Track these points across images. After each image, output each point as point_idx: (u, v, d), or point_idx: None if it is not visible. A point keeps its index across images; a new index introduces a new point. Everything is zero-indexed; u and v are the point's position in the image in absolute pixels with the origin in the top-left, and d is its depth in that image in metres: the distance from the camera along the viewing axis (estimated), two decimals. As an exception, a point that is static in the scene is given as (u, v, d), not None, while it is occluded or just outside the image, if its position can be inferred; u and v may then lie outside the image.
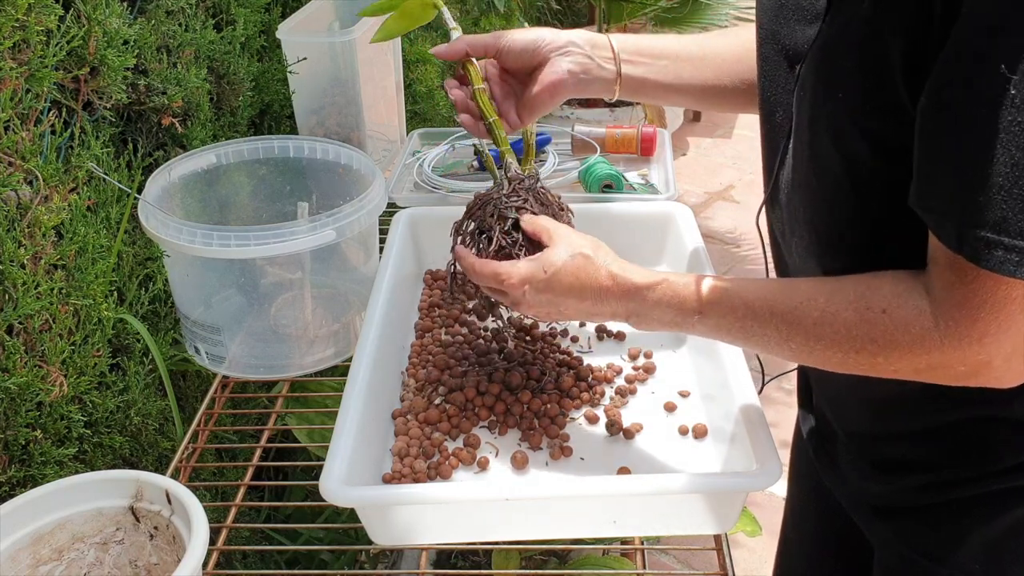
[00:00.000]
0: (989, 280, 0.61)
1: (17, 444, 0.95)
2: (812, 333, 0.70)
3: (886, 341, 0.67)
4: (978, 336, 0.63)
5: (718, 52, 0.95)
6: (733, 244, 3.16)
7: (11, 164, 0.95)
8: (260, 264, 1.08)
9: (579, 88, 0.96)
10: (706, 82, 0.95)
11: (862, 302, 0.68)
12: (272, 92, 1.46)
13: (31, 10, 0.93)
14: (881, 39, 0.63)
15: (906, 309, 0.66)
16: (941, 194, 0.61)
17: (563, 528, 0.86)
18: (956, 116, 0.59)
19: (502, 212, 0.89)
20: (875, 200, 0.69)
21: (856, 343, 0.68)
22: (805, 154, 0.74)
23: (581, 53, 0.95)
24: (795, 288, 0.74)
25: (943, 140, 0.60)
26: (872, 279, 0.69)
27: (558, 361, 1.04)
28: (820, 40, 0.70)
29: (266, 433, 1.10)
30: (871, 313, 0.67)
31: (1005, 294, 0.61)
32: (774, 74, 0.79)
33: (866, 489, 0.86)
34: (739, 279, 0.77)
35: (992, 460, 0.76)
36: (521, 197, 0.90)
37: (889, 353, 0.67)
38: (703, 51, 0.96)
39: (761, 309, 0.73)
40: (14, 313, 0.93)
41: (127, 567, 0.84)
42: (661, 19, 3.02)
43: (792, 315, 0.71)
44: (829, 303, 0.70)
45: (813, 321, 0.70)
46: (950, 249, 0.61)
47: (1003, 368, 0.65)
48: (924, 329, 0.65)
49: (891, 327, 0.67)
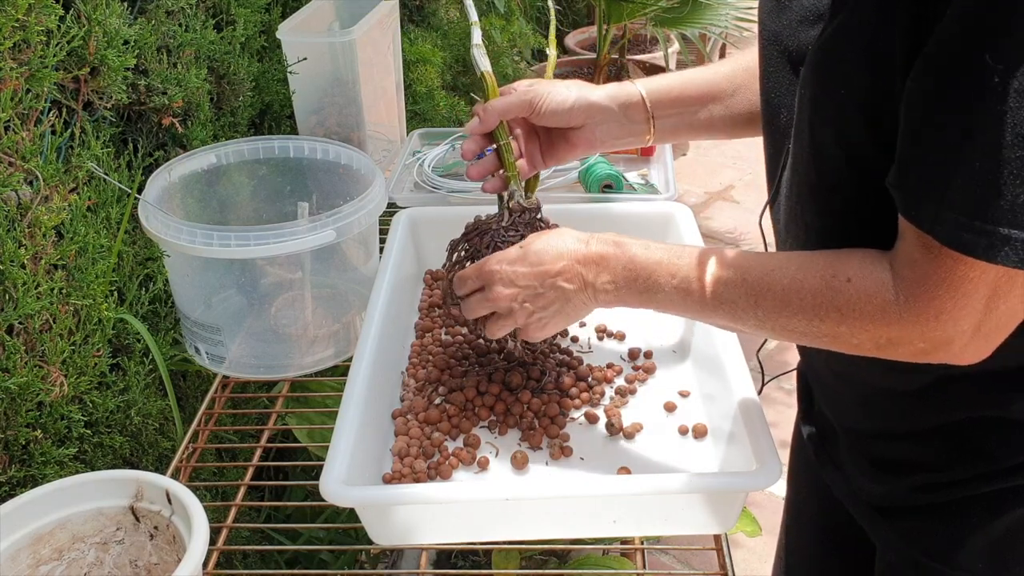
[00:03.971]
0: (949, 259, 0.62)
1: (17, 444, 0.95)
2: (780, 298, 0.72)
3: (849, 309, 0.68)
4: (935, 313, 0.64)
5: (747, 82, 0.95)
6: (733, 244, 3.16)
7: (11, 164, 0.95)
8: (260, 264, 1.08)
9: (612, 145, 0.99)
10: (737, 117, 0.97)
11: (829, 270, 0.70)
12: (272, 92, 1.46)
13: (31, 10, 0.93)
14: (883, 38, 0.63)
15: (870, 280, 0.68)
16: (920, 175, 0.62)
17: (563, 528, 0.86)
18: (939, 101, 0.60)
19: (497, 245, 0.91)
20: (876, 198, 0.70)
21: (820, 311, 0.70)
22: (807, 153, 0.74)
23: (616, 120, 0.97)
24: (769, 256, 0.75)
25: (926, 123, 0.61)
26: (843, 252, 0.71)
27: (558, 361, 1.04)
28: (823, 39, 0.70)
29: (266, 433, 1.10)
30: (836, 281, 0.69)
31: (963, 274, 0.62)
32: (777, 76, 0.79)
33: (867, 489, 0.86)
34: (712, 247, 0.79)
35: (992, 460, 0.76)
36: (520, 232, 0.91)
37: (852, 323, 0.69)
38: (733, 86, 0.96)
39: (733, 274, 0.75)
40: (14, 313, 0.93)
41: (127, 567, 0.84)
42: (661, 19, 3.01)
43: (763, 281, 0.73)
44: (799, 270, 0.72)
45: (782, 288, 0.72)
46: (920, 229, 0.63)
47: (961, 346, 0.66)
48: (885, 301, 0.67)
49: (854, 296, 0.68)
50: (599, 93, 0.96)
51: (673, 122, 0.98)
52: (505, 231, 0.92)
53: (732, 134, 0.99)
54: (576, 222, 0.94)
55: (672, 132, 0.99)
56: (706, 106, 0.97)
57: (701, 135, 1.01)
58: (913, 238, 0.65)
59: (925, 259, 0.64)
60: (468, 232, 0.95)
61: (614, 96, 0.96)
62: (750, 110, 0.96)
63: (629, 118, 0.97)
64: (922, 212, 0.62)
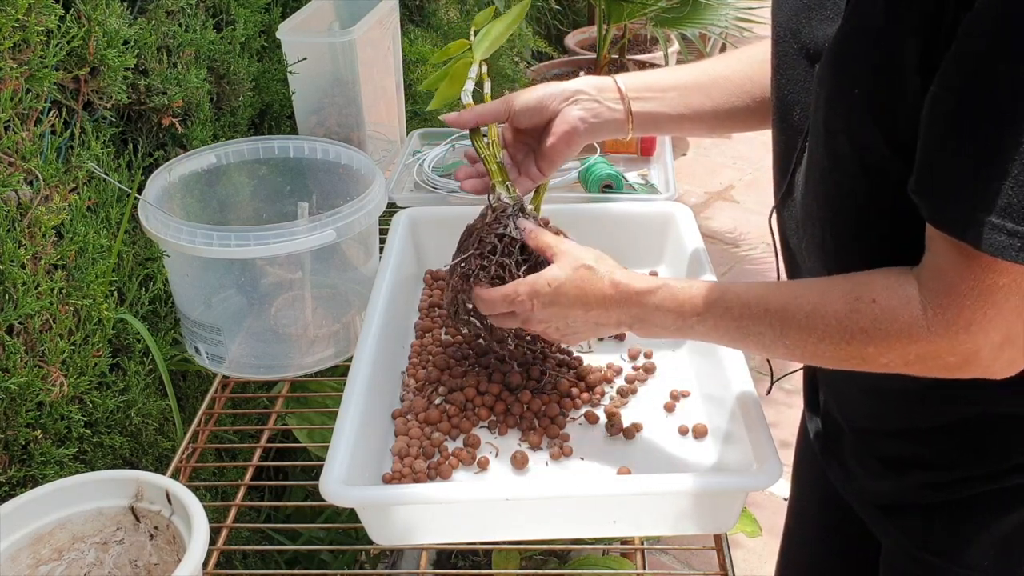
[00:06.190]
0: (979, 267, 0.61)
1: (17, 444, 0.95)
2: (805, 326, 0.72)
3: (876, 330, 0.68)
4: (965, 324, 0.63)
5: (726, 75, 0.96)
6: (733, 244, 3.15)
7: (11, 164, 0.95)
8: (260, 264, 1.08)
9: (592, 133, 0.98)
10: (718, 107, 0.96)
11: (852, 294, 0.70)
12: (272, 92, 1.46)
13: (31, 10, 0.93)
14: (897, 36, 0.63)
15: (895, 298, 0.67)
16: (948, 179, 0.62)
17: (563, 528, 0.86)
18: (968, 103, 0.60)
19: (482, 239, 0.92)
20: (891, 198, 0.70)
21: (847, 334, 0.69)
22: (821, 151, 0.74)
23: (589, 99, 0.97)
24: (790, 286, 0.75)
25: (953, 126, 0.61)
26: (864, 274, 0.71)
27: (558, 361, 1.04)
28: (839, 37, 0.70)
29: (266, 433, 1.10)
30: (861, 303, 0.69)
31: (993, 282, 0.61)
32: (792, 72, 0.79)
33: (874, 487, 0.86)
34: (736, 283, 0.79)
35: (1001, 457, 0.76)
36: (503, 224, 0.92)
37: (879, 343, 0.68)
38: (711, 77, 0.97)
39: (756, 307, 0.75)
40: (14, 313, 0.93)
41: (127, 567, 0.84)
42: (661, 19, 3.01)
43: (785, 311, 0.73)
44: (821, 297, 0.71)
45: (806, 314, 0.72)
46: (952, 235, 0.62)
47: (992, 358, 0.65)
48: (913, 317, 0.66)
49: (880, 316, 0.68)
50: (570, 81, 0.98)
51: (651, 106, 0.97)
52: (489, 226, 0.92)
53: (718, 128, 0.99)
54: (576, 222, 0.95)
55: (652, 120, 0.98)
56: (682, 93, 0.97)
57: (686, 127, 1.00)
58: (941, 248, 0.64)
59: (953, 269, 0.63)
60: (461, 242, 0.96)
61: (586, 80, 0.98)
62: (729, 100, 0.96)
63: (603, 100, 0.97)
64: (952, 216, 0.62)
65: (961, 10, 0.59)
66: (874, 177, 0.70)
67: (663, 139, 1.47)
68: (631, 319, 0.83)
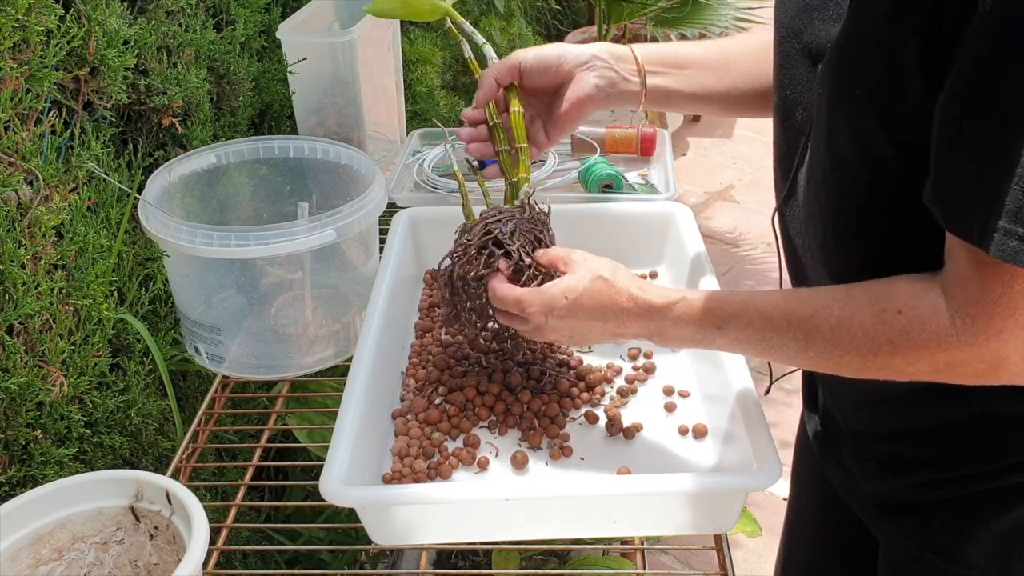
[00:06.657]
0: (1006, 273, 0.61)
1: (17, 444, 0.95)
2: (830, 339, 0.71)
3: (903, 341, 0.67)
4: (995, 331, 0.63)
5: (740, 58, 0.95)
6: (733, 244, 3.15)
7: (11, 164, 0.95)
8: (260, 264, 1.08)
9: (606, 102, 0.96)
10: (731, 89, 0.95)
11: (877, 304, 0.68)
12: (272, 92, 1.46)
13: (31, 10, 0.93)
14: (898, 37, 0.63)
15: (922, 308, 0.66)
16: (963, 186, 0.61)
17: (563, 528, 0.86)
18: (980, 108, 0.59)
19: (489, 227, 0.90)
20: (893, 198, 0.70)
21: (874, 345, 0.68)
22: (824, 151, 0.74)
23: (606, 66, 0.94)
24: (811, 297, 0.74)
25: (966, 132, 0.60)
26: (886, 282, 0.69)
27: (558, 361, 1.04)
28: (840, 37, 0.70)
29: (266, 433, 1.10)
30: (887, 314, 0.68)
31: (1022, 287, 0.61)
32: (794, 73, 0.79)
33: (873, 487, 0.86)
34: (755, 292, 0.78)
35: (999, 456, 0.76)
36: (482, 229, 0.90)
37: (907, 353, 0.67)
38: (725, 57, 0.96)
39: (779, 320, 0.74)
40: (14, 313, 0.93)
41: (127, 567, 0.84)
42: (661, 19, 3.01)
43: (809, 323, 0.72)
44: (845, 308, 0.70)
45: (830, 327, 0.70)
46: (969, 242, 0.61)
47: (1022, 363, 0.64)
48: (941, 326, 0.65)
49: (907, 326, 0.67)
50: (586, 45, 0.96)
51: (666, 82, 0.96)
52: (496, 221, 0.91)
53: (727, 108, 0.98)
54: (576, 222, 0.94)
55: (666, 96, 0.96)
56: (697, 70, 0.96)
57: (696, 105, 0.99)
58: (962, 256, 0.64)
59: (977, 277, 0.62)
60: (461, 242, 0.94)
61: (601, 47, 0.96)
62: (744, 88, 0.95)
63: (620, 69, 0.95)
64: (969, 224, 0.61)
65: (961, 10, 0.59)
66: (875, 177, 0.70)
67: (663, 139, 1.47)
68: (650, 332, 0.82)
